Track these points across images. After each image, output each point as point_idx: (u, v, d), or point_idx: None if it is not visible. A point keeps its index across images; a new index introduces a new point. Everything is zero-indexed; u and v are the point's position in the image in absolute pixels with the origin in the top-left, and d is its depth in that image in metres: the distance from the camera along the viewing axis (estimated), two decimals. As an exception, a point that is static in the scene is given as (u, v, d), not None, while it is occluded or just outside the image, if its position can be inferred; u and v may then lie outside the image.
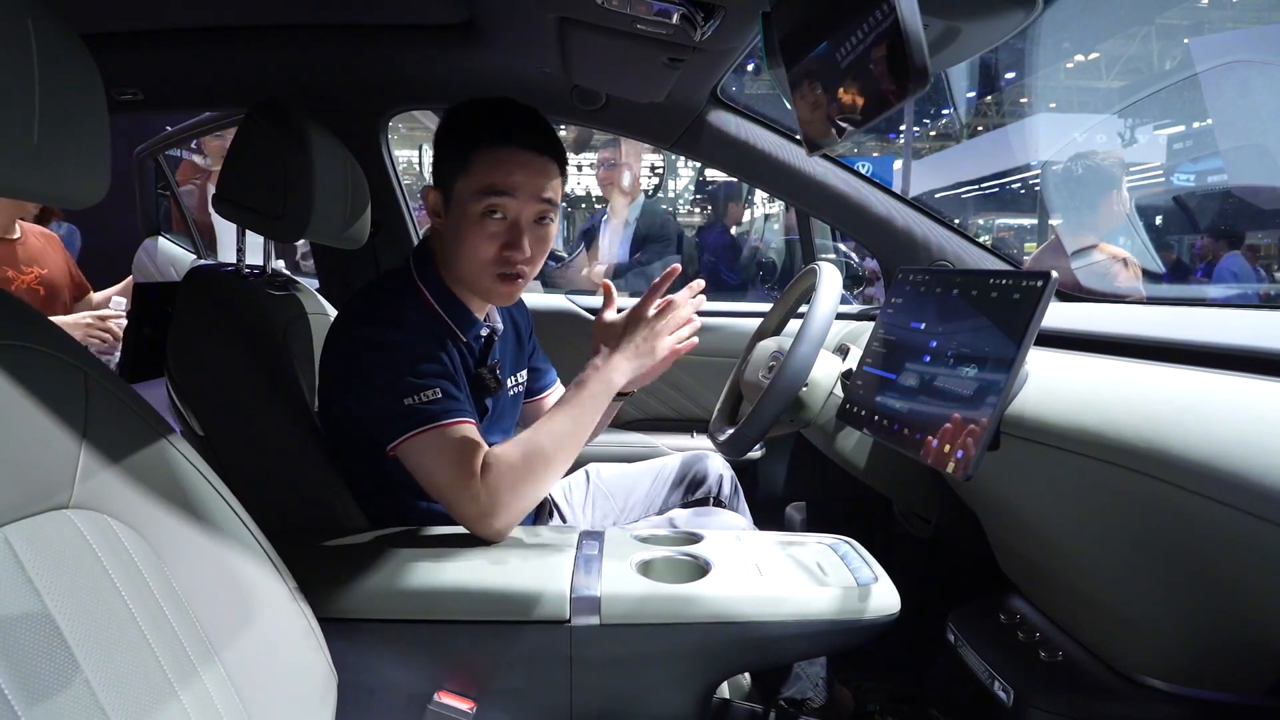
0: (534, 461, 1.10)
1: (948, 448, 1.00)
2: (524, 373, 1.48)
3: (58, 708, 0.57)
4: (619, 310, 1.32)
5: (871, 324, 1.88)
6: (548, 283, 3.21)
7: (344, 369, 1.19)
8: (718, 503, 1.55)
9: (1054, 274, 0.94)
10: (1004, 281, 1.03)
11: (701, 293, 1.28)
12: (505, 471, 1.08)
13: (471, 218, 1.17)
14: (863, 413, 1.23)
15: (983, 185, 16.71)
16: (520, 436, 1.13)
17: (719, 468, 1.59)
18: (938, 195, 17.27)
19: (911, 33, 0.73)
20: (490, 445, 1.33)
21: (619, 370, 1.19)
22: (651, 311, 1.22)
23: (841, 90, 0.91)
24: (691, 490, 1.58)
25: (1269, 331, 0.88)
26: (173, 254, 2.97)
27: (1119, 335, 1.07)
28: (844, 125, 0.93)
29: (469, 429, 1.12)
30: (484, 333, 1.31)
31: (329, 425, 1.26)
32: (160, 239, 2.91)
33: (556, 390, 1.61)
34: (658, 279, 1.24)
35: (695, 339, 1.25)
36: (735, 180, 3.44)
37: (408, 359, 1.13)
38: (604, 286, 1.35)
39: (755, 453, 2.09)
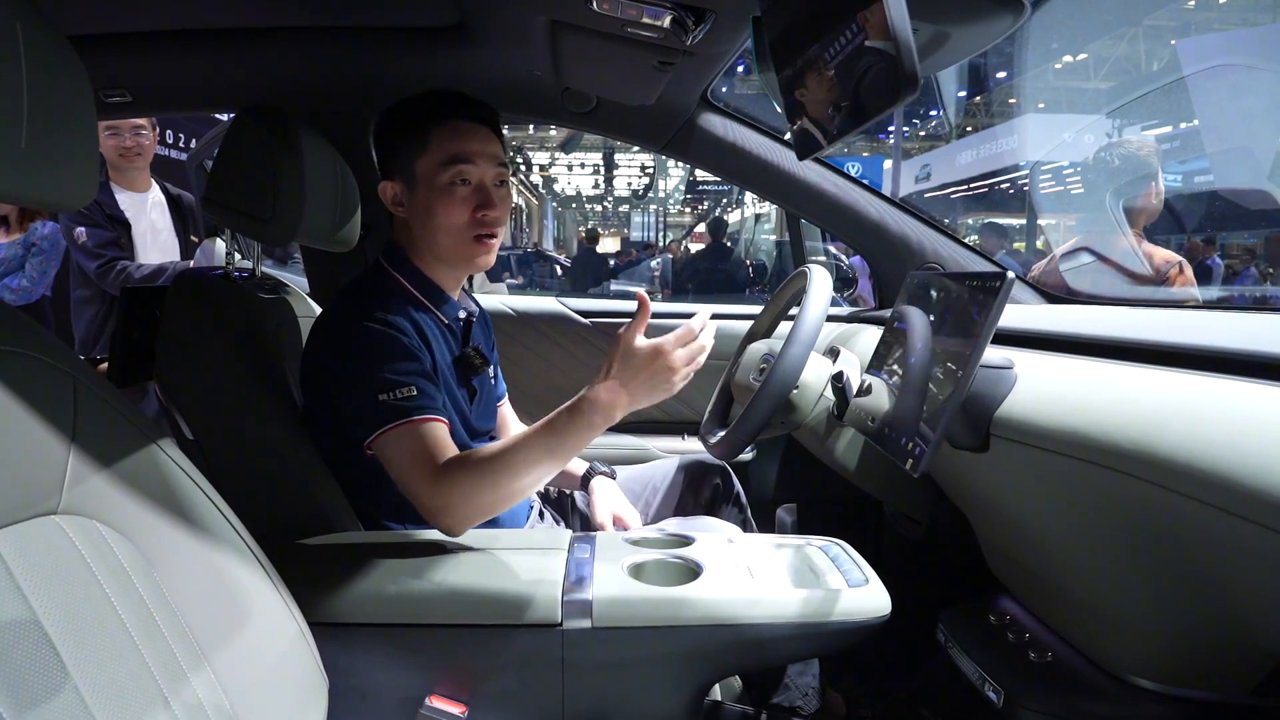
0: (499, 477, 1.06)
1: (911, 445, 1.02)
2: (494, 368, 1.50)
3: (47, 715, 0.56)
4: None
5: (861, 325, 1.89)
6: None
7: (323, 367, 1.22)
8: (712, 509, 1.56)
9: (1009, 274, 0.97)
10: (973, 283, 1.04)
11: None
12: (463, 478, 1.06)
13: (440, 189, 1.23)
14: (861, 415, 1.25)
15: (971, 185, 16.82)
16: (494, 447, 1.08)
17: (719, 473, 1.61)
18: (926, 195, 17.39)
19: (901, 37, 0.73)
20: (481, 430, 1.35)
21: (624, 403, 1.05)
22: (678, 349, 1.06)
23: (831, 94, 0.91)
24: (697, 497, 1.59)
25: (1256, 334, 0.89)
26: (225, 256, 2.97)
27: (1107, 338, 1.07)
28: (834, 129, 0.93)
29: (438, 427, 1.13)
30: (462, 314, 1.35)
31: (314, 424, 1.26)
32: (217, 241, 2.92)
33: (505, 405, 1.63)
34: (695, 321, 1.07)
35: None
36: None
37: (385, 355, 1.15)
38: (640, 298, 1.09)
39: (746, 455, 2.10)
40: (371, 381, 1.12)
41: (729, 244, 11.36)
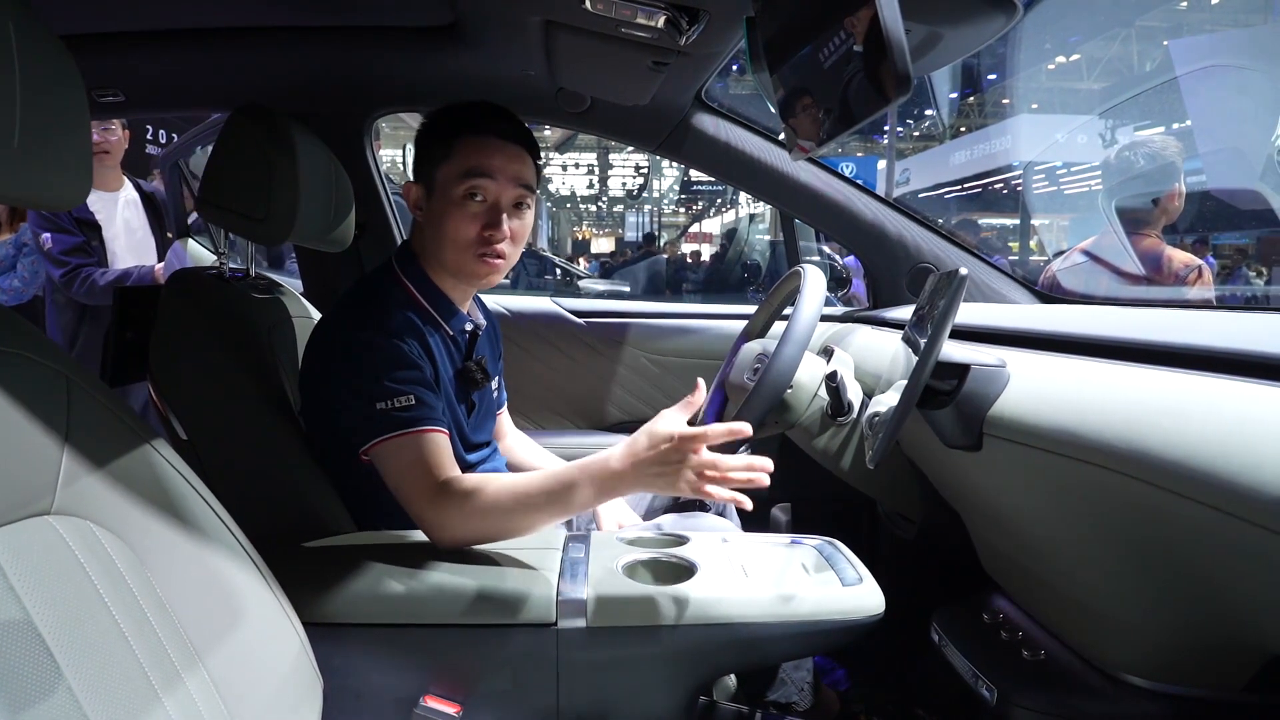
0: (498, 518, 1.07)
1: (873, 438, 1.04)
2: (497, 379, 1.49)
3: (40, 716, 0.56)
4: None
5: (855, 325, 1.90)
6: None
7: (323, 371, 1.21)
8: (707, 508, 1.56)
9: (962, 271, 0.98)
10: (939, 281, 1.06)
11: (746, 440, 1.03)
12: (464, 507, 1.07)
13: (454, 200, 1.21)
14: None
15: (966, 186, 16.86)
16: (506, 486, 1.07)
17: None
18: (921, 195, 17.45)
19: (894, 38, 0.73)
20: (476, 442, 1.33)
21: (628, 478, 1.02)
22: (698, 448, 0.99)
23: (825, 94, 0.91)
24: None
25: (1247, 334, 0.89)
26: (201, 256, 2.96)
27: (1100, 337, 1.08)
28: (827, 129, 0.93)
29: (439, 438, 1.13)
30: (468, 327, 1.33)
31: (311, 427, 1.26)
32: (190, 241, 2.89)
33: (504, 414, 1.62)
34: (694, 397, 1.04)
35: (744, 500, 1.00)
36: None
37: (384, 364, 1.14)
38: (696, 387, 1.06)
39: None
40: (369, 390, 1.12)
41: (725, 245, 11.71)
